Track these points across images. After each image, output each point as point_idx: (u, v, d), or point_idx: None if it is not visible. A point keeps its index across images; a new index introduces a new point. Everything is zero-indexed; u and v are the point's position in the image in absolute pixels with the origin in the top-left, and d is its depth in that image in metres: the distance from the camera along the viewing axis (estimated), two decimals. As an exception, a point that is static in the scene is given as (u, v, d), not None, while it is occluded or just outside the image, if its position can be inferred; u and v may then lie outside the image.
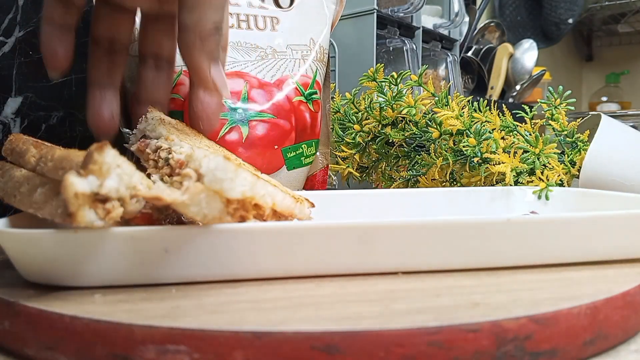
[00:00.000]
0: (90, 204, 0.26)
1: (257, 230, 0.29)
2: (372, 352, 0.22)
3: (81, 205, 0.25)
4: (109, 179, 0.26)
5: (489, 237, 0.31)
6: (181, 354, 0.22)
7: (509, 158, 0.51)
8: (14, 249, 0.29)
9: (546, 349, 0.24)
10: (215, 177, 0.28)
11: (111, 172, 0.26)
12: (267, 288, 0.29)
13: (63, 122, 0.61)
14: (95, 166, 0.25)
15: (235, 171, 0.28)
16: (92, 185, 0.25)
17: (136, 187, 0.27)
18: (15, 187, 0.30)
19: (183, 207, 0.27)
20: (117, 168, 0.26)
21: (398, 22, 0.95)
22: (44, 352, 0.24)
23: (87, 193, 0.25)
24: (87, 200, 0.25)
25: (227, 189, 0.28)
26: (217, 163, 0.28)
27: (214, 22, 0.39)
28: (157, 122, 0.40)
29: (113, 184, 0.26)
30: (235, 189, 0.28)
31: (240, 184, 0.28)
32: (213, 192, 0.28)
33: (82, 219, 0.25)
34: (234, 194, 0.28)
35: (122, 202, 0.27)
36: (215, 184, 0.28)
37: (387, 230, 0.30)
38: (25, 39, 0.57)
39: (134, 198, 0.27)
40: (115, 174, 0.26)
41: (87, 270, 0.28)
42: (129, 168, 0.27)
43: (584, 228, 0.32)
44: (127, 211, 0.27)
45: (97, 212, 0.26)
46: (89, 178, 0.25)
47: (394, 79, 0.58)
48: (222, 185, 0.28)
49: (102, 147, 0.26)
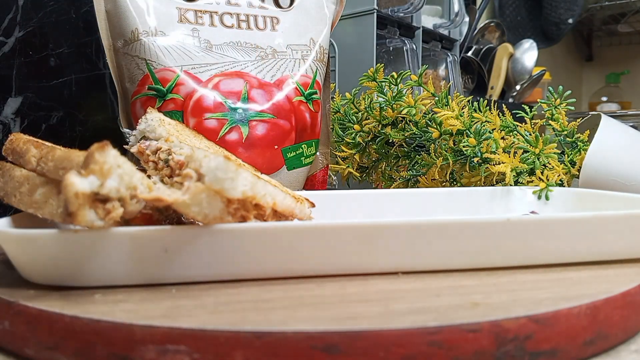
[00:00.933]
0: (91, 204, 0.26)
1: (256, 230, 0.29)
2: (372, 352, 0.22)
3: (81, 205, 0.25)
4: (109, 179, 0.26)
5: (488, 237, 0.31)
6: (181, 354, 0.22)
7: (509, 158, 0.51)
8: (14, 250, 0.29)
9: (546, 349, 0.24)
10: (216, 177, 0.28)
11: (112, 172, 0.26)
12: (268, 288, 0.29)
13: (63, 122, 0.61)
14: (96, 166, 0.26)
15: (236, 171, 0.28)
16: (93, 185, 0.25)
17: (136, 188, 0.27)
18: (15, 187, 0.30)
19: (184, 207, 0.27)
20: (117, 168, 0.26)
21: (398, 22, 0.94)
22: (44, 352, 0.24)
23: (88, 193, 0.25)
24: (88, 200, 0.25)
25: (228, 188, 0.28)
26: (218, 163, 0.28)
27: None
28: (157, 123, 0.40)
29: (114, 184, 0.26)
30: (237, 188, 0.28)
31: (241, 184, 0.28)
32: (214, 192, 0.28)
33: (83, 218, 0.25)
34: (235, 193, 0.28)
35: (122, 202, 0.27)
36: (216, 184, 0.28)
37: (387, 230, 0.30)
38: (25, 39, 0.57)
39: (134, 198, 0.27)
40: (116, 174, 0.26)
41: (87, 270, 0.28)
42: (129, 168, 0.27)
43: (585, 228, 0.32)
44: (127, 211, 0.27)
45: (97, 212, 0.26)
46: (90, 178, 0.25)
47: (394, 79, 0.58)
48: (223, 185, 0.28)
49: (104, 147, 0.26)
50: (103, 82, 0.65)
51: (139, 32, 0.52)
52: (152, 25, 0.53)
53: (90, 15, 0.52)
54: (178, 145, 0.32)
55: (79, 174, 0.25)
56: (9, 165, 0.32)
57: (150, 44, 0.52)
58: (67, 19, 0.60)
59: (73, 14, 0.61)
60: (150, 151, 0.36)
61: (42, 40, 0.59)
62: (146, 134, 0.39)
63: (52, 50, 0.60)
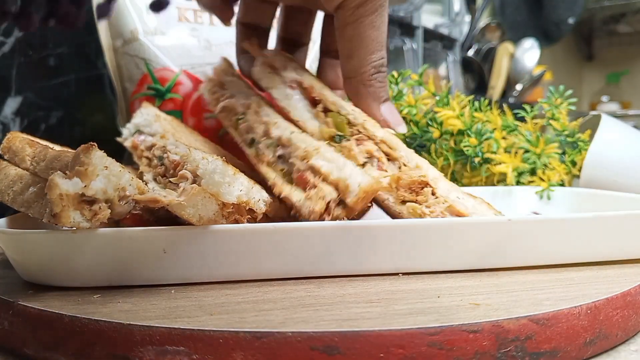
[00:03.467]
0: (77, 205, 0.26)
1: (256, 230, 0.29)
2: (372, 353, 0.22)
3: (66, 207, 0.25)
4: (95, 181, 0.26)
5: (490, 238, 0.31)
6: (181, 355, 0.22)
7: (510, 158, 0.51)
8: (11, 249, 0.29)
9: (547, 349, 0.24)
10: (213, 180, 0.28)
11: (97, 174, 0.26)
12: (267, 289, 0.28)
13: (62, 122, 0.61)
14: (81, 168, 0.26)
15: (233, 175, 0.28)
16: (77, 187, 0.25)
17: (125, 189, 0.27)
18: (9, 185, 0.30)
19: (179, 208, 0.27)
20: (104, 170, 0.26)
21: (398, 22, 0.94)
22: (44, 352, 0.24)
23: (72, 194, 0.25)
24: (73, 202, 0.26)
25: (224, 192, 0.28)
26: (215, 166, 0.28)
27: (374, 65, 0.37)
28: (153, 118, 0.40)
29: (100, 186, 0.26)
30: (232, 193, 0.28)
31: (237, 189, 0.28)
32: (209, 195, 0.28)
33: (67, 220, 0.25)
34: (231, 198, 0.28)
35: (110, 203, 0.27)
36: (213, 187, 0.28)
37: (381, 230, 0.30)
38: (25, 39, 0.57)
39: (123, 199, 0.27)
40: (103, 176, 0.26)
41: (83, 270, 0.28)
42: (117, 169, 0.27)
43: (586, 228, 0.32)
44: (115, 212, 0.27)
45: (84, 214, 0.26)
46: (74, 179, 0.25)
47: (395, 78, 0.58)
48: (220, 189, 0.28)
49: (89, 149, 0.26)
50: (102, 82, 0.65)
51: (138, 32, 0.52)
52: (152, 24, 0.53)
53: (89, 15, 0.52)
54: (174, 143, 0.32)
55: (64, 175, 0.25)
56: (5, 163, 0.32)
57: (149, 44, 0.52)
58: (67, 18, 0.60)
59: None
60: (144, 147, 0.36)
61: (42, 40, 0.59)
62: (141, 128, 0.39)
63: (52, 50, 0.60)
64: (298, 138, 0.32)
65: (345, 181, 0.30)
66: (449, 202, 0.32)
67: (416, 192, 0.32)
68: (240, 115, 0.35)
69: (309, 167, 0.31)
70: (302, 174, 0.31)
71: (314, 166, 0.31)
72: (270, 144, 0.33)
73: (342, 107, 0.35)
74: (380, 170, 0.34)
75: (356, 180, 0.29)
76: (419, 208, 0.32)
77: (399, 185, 0.33)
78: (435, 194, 0.32)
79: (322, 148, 0.31)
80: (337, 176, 0.30)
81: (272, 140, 0.33)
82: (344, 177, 0.30)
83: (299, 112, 0.35)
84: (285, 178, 0.32)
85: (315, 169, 0.31)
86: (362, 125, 0.35)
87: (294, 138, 0.32)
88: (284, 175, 0.32)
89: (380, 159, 0.34)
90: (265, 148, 0.33)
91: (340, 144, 0.34)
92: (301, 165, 0.31)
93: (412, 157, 0.34)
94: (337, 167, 0.30)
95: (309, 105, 0.36)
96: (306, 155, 0.31)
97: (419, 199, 0.32)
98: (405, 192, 0.32)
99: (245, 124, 0.35)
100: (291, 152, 0.32)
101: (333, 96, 0.36)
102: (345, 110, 0.35)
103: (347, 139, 0.34)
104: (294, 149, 0.32)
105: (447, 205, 0.32)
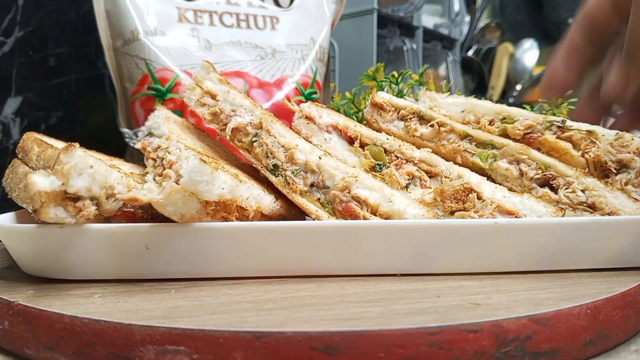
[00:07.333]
0: (59, 202, 0.27)
1: (256, 230, 0.29)
2: (372, 353, 0.22)
3: (45, 203, 0.26)
4: (75, 179, 0.27)
5: (492, 239, 0.31)
6: (181, 355, 0.22)
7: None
8: (7, 242, 0.30)
9: (547, 349, 0.24)
10: (191, 179, 0.28)
11: (81, 172, 0.27)
12: (267, 288, 0.29)
13: (62, 122, 0.61)
14: (59, 167, 0.27)
15: (211, 174, 0.29)
16: (54, 185, 0.27)
17: (113, 187, 0.28)
18: (17, 182, 0.31)
19: (160, 206, 0.28)
20: (89, 168, 0.27)
21: (398, 22, 0.95)
22: (44, 352, 0.24)
23: (49, 191, 0.26)
24: (55, 198, 0.27)
25: (203, 191, 0.28)
26: (193, 165, 0.28)
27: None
28: (162, 120, 0.41)
29: (83, 184, 0.27)
30: (212, 191, 0.29)
31: (218, 187, 0.29)
32: (189, 193, 0.28)
33: (46, 215, 0.27)
34: (211, 196, 0.29)
35: (96, 200, 0.28)
36: (191, 186, 0.28)
37: (366, 231, 0.30)
38: (25, 39, 0.57)
39: (111, 197, 0.29)
40: (87, 174, 0.27)
41: (71, 263, 0.29)
42: (103, 168, 0.28)
43: (582, 233, 0.32)
44: (103, 209, 0.28)
45: (68, 210, 0.27)
46: (51, 178, 0.27)
47: (395, 78, 0.58)
48: (198, 187, 0.28)
49: (69, 149, 0.27)
50: (102, 82, 0.65)
51: (138, 32, 0.52)
52: (152, 25, 0.53)
53: (89, 15, 0.52)
54: (175, 144, 0.33)
55: (46, 173, 0.27)
56: (18, 162, 0.33)
57: (149, 44, 0.52)
58: (67, 19, 0.60)
59: (73, 14, 0.61)
60: (151, 148, 0.37)
61: (42, 40, 0.59)
62: (152, 130, 0.40)
63: (52, 50, 0.60)
64: (329, 164, 0.33)
65: (401, 216, 0.31)
66: (497, 202, 0.33)
67: (462, 200, 0.33)
68: (253, 138, 0.35)
69: (352, 197, 0.32)
70: (348, 206, 0.32)
71: (359, 197, 0.32)
72: (297, 171, 0.34)
73: (377, 138, 0.37)
74: (424, 187, 0.35)
75: (411, 214, 0.31)
76: (467, 214, 0.33)
77: (443, 197, 0.34)
78: (482, 198, 0.33)
79: (360, 175, 0.33)
80: (389, 209, 0.32)
81: (299, 167, 0.34)
82: (397, 211, 0.31)
83: (339, 153, 0.37)
84: (325, 209, 0.33)
85: (361, 199, 0.32)
86: (398, 150, 0.36)
87: (324, 164, 0.33)
88: (323, 206, 0.33)
89: (422, 177, 0.35)
90: (293, 176, 0.34)
91: (382, 172, 0.35)
92: (342, 196, 0.32)
93: (452, 169, 0.35)
94: (383, 197, 0.32)
95: (346, 144, 0.38)
96: (347, 186, 0.32)
97: (466, 206, 0.33)
98: (452, 203, 0.33)
99: (262, 148, 0.35)
100: (324, 180, 0.33)
101: (368, 131, 0.38)
102: (381, 141, 0.37)
103: (387, 166, 0.36)
104: (327, 176, 0.33)
105: (495, 206, 0.33)
